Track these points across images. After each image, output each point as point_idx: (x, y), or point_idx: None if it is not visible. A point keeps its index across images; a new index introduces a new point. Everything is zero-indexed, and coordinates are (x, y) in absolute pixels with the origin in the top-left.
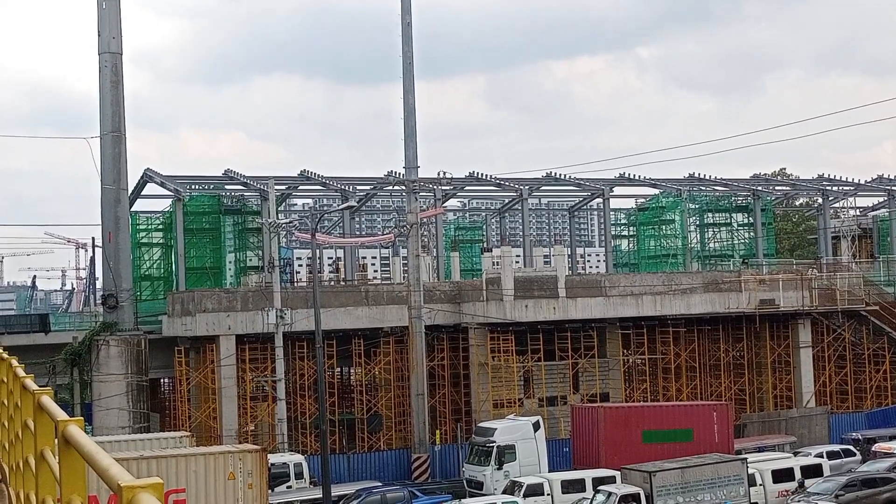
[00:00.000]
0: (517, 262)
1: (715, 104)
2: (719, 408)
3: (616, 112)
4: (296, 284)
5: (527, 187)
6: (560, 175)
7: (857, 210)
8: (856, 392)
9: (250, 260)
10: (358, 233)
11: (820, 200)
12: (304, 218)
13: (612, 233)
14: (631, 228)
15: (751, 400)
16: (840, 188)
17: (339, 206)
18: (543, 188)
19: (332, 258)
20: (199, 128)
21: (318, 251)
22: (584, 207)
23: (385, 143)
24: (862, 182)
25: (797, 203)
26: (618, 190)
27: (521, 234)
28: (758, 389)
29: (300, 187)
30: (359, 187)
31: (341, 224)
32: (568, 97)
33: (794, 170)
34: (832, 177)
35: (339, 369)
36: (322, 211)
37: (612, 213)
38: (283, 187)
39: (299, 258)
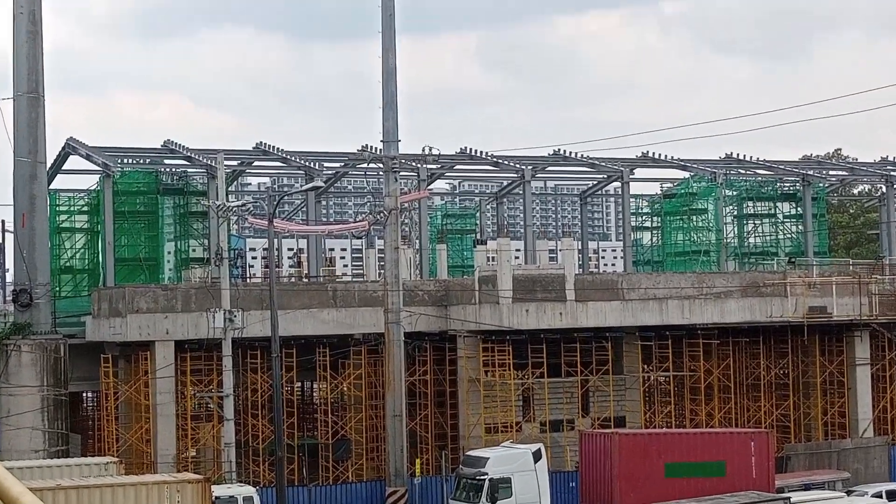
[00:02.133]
0: (517, 257)
1: (756, 71)
2: (758, 436)
3: (637, 79)
4: (248, 281)
5: (530, 167)
6: (570, 153)
7: None
8: None
9: (194, 250)
10: (325, 219)
11: (883, 188)
12: (260, 200)
13: (632, 224)
14: (655, 219)
15: (796, 427)
16: None
17: (302, 186)
18: (550, 169)
19: (292, 249)
20: (134, 90)
21: (276, 241)
22: (599, 193)
23: (359, 113)
24: None
25: (855, 191)
26: (639, 172)
27: (522, 223)
28: (805, 415)
29: (255, 163)
30: (326, 164)
31: (305, 208)
32: (578, 60)
33: (852, 151)
34: None
35: (299, 384)
36: (282, 192)
37: (632, 199)
38: (235, 163)
39: (253, 249)
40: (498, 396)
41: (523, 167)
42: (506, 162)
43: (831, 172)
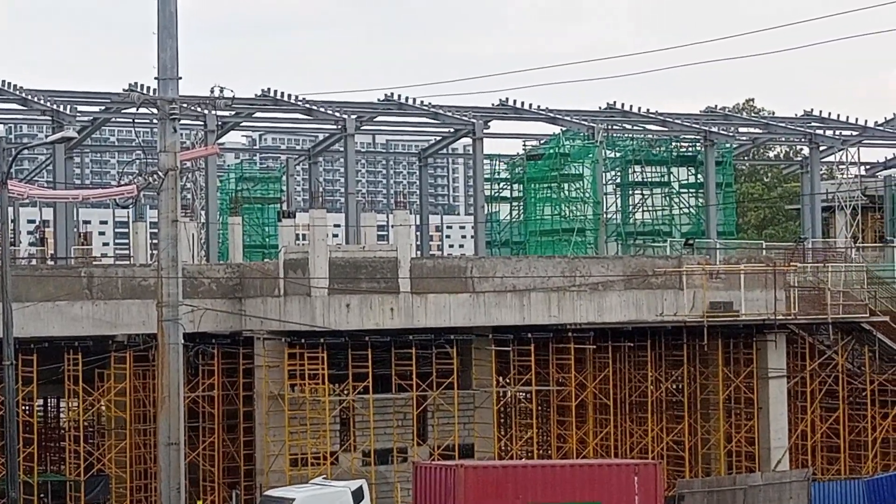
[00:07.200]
0: (336, 234)
1: None
2: (643, 469)
3: (495, 3)
4: None
5: (353, 117)
6: (406, 99)
7: (863, 167)
8: (852, 448)
9: None
10: (79, 182)
11: (806, 151)
12: None
13: (487, 193)
14: (515, 186)
15: (692, 457)
16: (838, 133)
17: (48, 136)
18: (380, 119)
19: (34, 221)
20: None
21: (11, 209)
22: (444, 151)
23: (127, 40)
24: (871, 125)
25: (771, 154)
26: (496, 126)
27: (342, 190)
28: (703, 442)
29: None
30: (81, 108)
31: (51, 167)
32: None
33: (769, 103)
34: (827, 115)
35: (41, 402)
36: (20, 144)
37: (486, 161)
38: None
39: None
40: (308, 418)
41: (345, 116)
42: (322, 109)
43: (741, 129)
